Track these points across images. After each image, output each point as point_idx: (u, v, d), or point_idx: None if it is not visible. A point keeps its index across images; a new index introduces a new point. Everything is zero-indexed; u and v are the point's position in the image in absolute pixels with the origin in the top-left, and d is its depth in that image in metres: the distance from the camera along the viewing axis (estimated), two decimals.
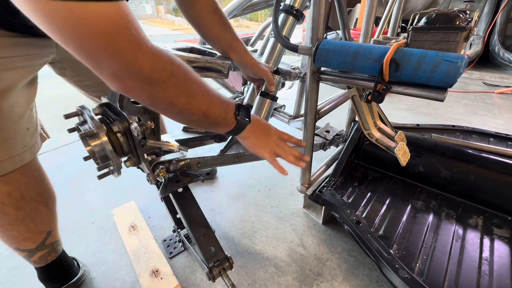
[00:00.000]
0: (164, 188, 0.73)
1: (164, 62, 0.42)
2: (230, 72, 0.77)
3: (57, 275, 0.80)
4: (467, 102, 2.42)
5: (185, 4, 0.69)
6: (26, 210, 0.65)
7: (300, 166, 0.68)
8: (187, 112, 0.48)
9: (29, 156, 0.63)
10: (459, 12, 0.61)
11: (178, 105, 0.46)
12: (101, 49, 0.35)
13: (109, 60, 0.36)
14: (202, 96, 0.49)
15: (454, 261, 0.74)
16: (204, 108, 0.50)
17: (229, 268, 0.70)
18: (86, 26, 0.33)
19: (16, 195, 0.62)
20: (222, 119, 0.54)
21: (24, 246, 0.69)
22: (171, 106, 0.46)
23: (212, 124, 0.54)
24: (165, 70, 0.42)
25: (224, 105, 0.54)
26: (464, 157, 0.97)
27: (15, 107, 0.56)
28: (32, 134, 0.63)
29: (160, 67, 0.41)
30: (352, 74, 0.74)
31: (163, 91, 0.43)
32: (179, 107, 0.47)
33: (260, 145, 0.64)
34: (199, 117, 0.50)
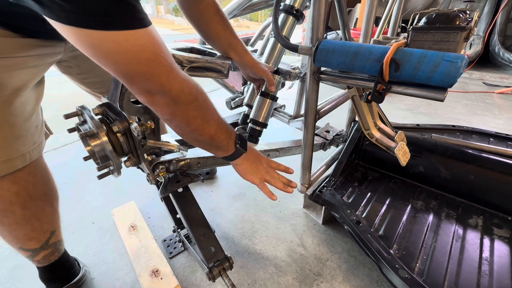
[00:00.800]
0: (164, 188, 0.73)
1: (191, 86, 0.50)
2: (230, 72, 0.77)
3: (59, 275, 0.80)
4: (467, 102, 2.41)
5: (186, 4, 0.69)
6: (33, 210, 0.65)
7: (288, 192, 0.74)
8: (198, 132, 0.55)
9: (37, 154, 0.64)
10: (459, 12, 0.61)
11: (193, 125, 0.53)
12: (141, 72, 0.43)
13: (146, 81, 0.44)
14: (214, 121, 0.57)
15: (454, 261, 0.74)
16: (213, 131, 0.57)
17: (229, 268, 0.70)
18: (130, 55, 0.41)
19: (24, 195, 0.62)
20: (224, 144, 0.61)
21: (29, 245, 0.70)
22: (187, 125, 0.53)
23: (214, 147, 0.61)
24: (190, 94, 0.50)
25: (228, 133, 0.62)
26: (464, 157, 0.97)
27: (26, 106, 0.57)
28: (40, 132, 0.65)
29: (187, 90, 0.49)
30: (352, 74, 0.74)
31: (185, 111, 0.51)
32: (193, 127, 0.54)
33: (251, 172, 0.70)
34: (206, 139, 0.57)
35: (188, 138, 0.58)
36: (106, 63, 0.41)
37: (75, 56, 0.72)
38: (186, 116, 0.51)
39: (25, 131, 0.58)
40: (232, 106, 1.11)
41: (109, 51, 0.39)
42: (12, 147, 0.56)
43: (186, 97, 0.49)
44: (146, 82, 0.44)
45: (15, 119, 0.55)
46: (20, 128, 0.57)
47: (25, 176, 0.62)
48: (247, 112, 0.98)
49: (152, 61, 0.43)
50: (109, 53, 0.40)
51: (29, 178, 0.63)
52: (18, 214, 0.63)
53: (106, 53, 0.40)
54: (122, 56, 0.40)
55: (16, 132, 0.56)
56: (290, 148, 1.03)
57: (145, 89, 0.45)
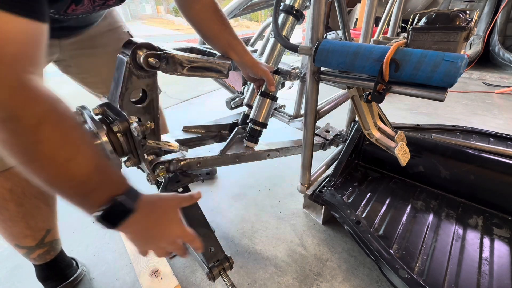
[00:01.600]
0: (164, 188, 0.73)
1: (12, 99, 0.33)
2: (230, 72, 0.77)
3: (55, 274, 0.80)
4: (467, 102, 2.41)
5: (184, 5, 0.69)
6: (27, 207, 0.66)
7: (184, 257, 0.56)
8: (23, 170, 0.37)
9: None
10: (459, 12, 0.61)
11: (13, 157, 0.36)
12: None
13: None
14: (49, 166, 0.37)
15: (454, 261, 0.74)
16: (46, 176, 0.38)
17: (229, 268, 0.70)
18: None
19: (18, 191, 0.62)
20: (73, 202, 0.41)
21: (24, 243, 0.70)
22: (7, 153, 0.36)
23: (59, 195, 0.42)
24: (3, 109, 0.33)
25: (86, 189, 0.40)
26: (464, 157, 0.97)
27: None
28: None
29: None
30: (352, 74, 0.74)
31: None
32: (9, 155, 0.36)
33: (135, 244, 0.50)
34: (38, 181, 0.38)
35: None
36: None
37: (74, 55, 0.71)
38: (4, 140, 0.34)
39: None
40: (232, 106, 1.11)
41: None
42: None
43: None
44: None
45: None
46: None
47: (18, 173, 0.61)
48: (247, 112, 0.98)
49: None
50: None
51: (23, 175, 0.62)
52: (13, 211, 0.63)
53: None
54: None
55: None
56: (290, 148, 1.03)
57: None
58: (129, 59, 0.55)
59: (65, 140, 0.37)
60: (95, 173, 0.40)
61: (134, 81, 0.58)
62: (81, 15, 0.57)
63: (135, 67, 0.57)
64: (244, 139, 0.90)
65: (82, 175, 0.39)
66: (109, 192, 0.42)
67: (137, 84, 0.59)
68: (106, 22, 0.76)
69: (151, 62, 0.56)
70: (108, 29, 0.77)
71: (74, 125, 0.39)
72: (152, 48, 0.58)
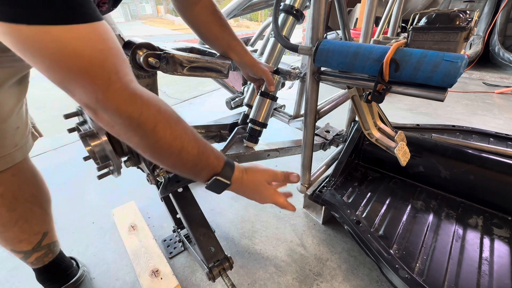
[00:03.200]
0: (164, 188, 0.73)
1: (132, 109, 0.39)
2: (230, 72, 0.77)
3: (55, 276, 0.80)
4: (467, 102, 2.41)
5: (183, 7, 0.69)
6: (20, 211, 0.64)
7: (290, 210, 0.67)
8: (154, 161, 0.48)
9: (20, 156, 0.62)
10: (459, 12, 0.61)
11: (145, 153, 0.46)
12: (74, 81, 0.35)
13: (82, 91, 0.36)
14: (170, 155, 0.46)
15: (454, 261, 0.74)
16: (170, 164, 0.48)
17: (229, 268, 0.70)
18: (59, 60, 0.33)
19: (9, 196, 0.61)
20: (191, 177, 0.54)
21: (20, 247, 0.69)
22: (139, 151, 0.46)
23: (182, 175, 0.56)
24: (129, 118, 0.40)
25: (196, 170, 0.51)
26: (464, 157, 0.97)
27: (3, 106, 0.54)
28: (23, 133, 0.62)
29: (126, 113, 0.39)
30: (352, 74, 0.74)
31: (126, 137, 0.43)
32: (145, 155, 0.46)
33: (250, 197, 0.63)
34: (166, 168, 0.51)
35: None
36: (39, 68, 0.34)
37: None
38: (130, 142, 0.44)
39: (2, 132, 0.56)
40: (232, 106, 1.11)
41: (35, 53, 0.33)
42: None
43: (124, 121, 0.39)
44: (82, 94, 0.37)
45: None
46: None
47: (9, 178, 0.61)
48: (247, 112, 0.98)
49: (86, 70, 0.35)
50: (35, 55, 0.33)
51: (13, 180, 0.62)
52: (4, 216, 0.62)
53: (32, 55, 0.33)
54: (48, 62, 0.33)
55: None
56: (290, 148, 1.03)
57: (84, 103, 0.38)
58: (129, 59, 0.55)
59: (174, 135, 0.45)
60: (199, 157, 0.50)
61: None
62: None
63: (135, 67, 0.57)
64: (244, 139, 0.90)
65: (191, 161, 0.49)
66: (211, 172, 0.53)
67: None
68: None
69: (151, 62, 0.56)
70: None
71: (177, 119, 0.46)
72: (152, 48, 0.58)
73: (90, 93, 0.36)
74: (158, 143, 0.43)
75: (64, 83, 0.36)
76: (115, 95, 0.37)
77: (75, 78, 0.35)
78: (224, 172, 0.54)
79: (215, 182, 0.53)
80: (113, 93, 0.37)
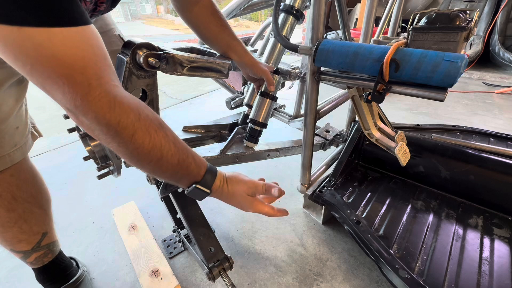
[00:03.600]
0: (164, 188, 0.73)
1: (111, 117, 0.39)
2: (230, 72, 0.77)
3: (55, 276, 0.80)
4: (467, 102, 2.41)
5: (182, 7, 0.69)
6: (19, 212, 0.64)
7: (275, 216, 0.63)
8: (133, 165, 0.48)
9: (19, 156, 0.62)
10: (459, 12, 0.61)
11: (124, 159, 0.46)
12: (54, 86, 0.35)
13: (62, 96, 0.36)
14: (149, 163, 0.46)
15: (454, 261, 0.74)
16: (148, 171, 0.48)
17: (229, 268, 0.70)
18: (39, 64, 0.33)
19: (7, 197, 0.61)
20: (173, 183, 0.54)
21: (19, 247, 0.69)
22: (124, 156, 0.45)
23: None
24: (108, 126, 0.39)
25: (176, 178, 0.52)
26: (464, 157, 0.97)
27: (2, 106, 0.55)
28: (22, 133, 0.62)
29: (104, 121, 0.39)
30: (352, 74, 0.74)
31: (106, 143, 0.43)
32: (126, 160, 0.48)
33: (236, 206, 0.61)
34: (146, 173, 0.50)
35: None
36: (20, 70, 0.35)
37: None
38: (111, 147, 0.43)
39: (1, 133, 0.56)
40: (232, 106, 1.11)
41: (16, 54, 0.32)
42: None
43: (102, 128, 0.39)
44: (62, 99, 0.36)
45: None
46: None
47: (7, 178, 0.61)
48: (247, 112, 0.98)
49: (66, 76, 0.34)
50: (17, 57, 0.33)
51: (12, 180, 0.62)
52: (4, 217, 0.62)
53: (14, 57, 0.33)
54: (30, 65, 0.33)
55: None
56: (290, 148, 1.03)
57: (64, 106, 0.38)
58: (129, 59, 0.55)
59: (153, 143, 0.44)
60: (179, 166, 0.49)
61: (134, 81, 0.58)
62: None
63: (135, 67, 0.57)
64: (244, 139, 0.90)
65: (171, 169, 0.49)
66: (192, 180, 0.53)
67: (137, 84, 0.59)
68: (97, 25, 0.75)
69: (151, 62, 0.56)
70: (99, 32, 0.76)
71: (158, 127, 0.45)
72: (152, 48, 0.58)
73: (69, 98, 0.36)
74: (136, 151, 0.43)
75: (44, 86, 0.36)
76: (93, 102, 0.37)
77: (55, 83, 0.35)
78: (204, 181, 0.54)
79: (194, 190, 0.53)
80: (91, 100, 0.37)
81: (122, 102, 0.40)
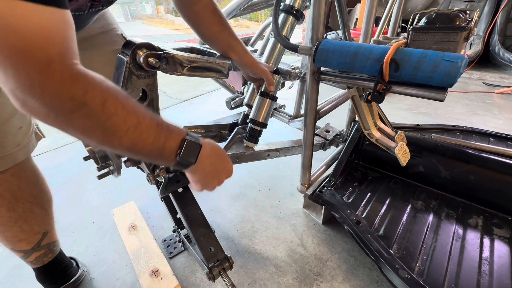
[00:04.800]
0: (164, 188, 0.73)
1: (75, 88, 0.35)
2: (230, 72, 0.77)
3: (55, 275, 0.80)
4: (467, 102, 2.41)
5: (183, 6, 0.69)
6: (19, 211, 0.64)
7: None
8: (106, 145, 0.42)
9: (22, 156, 0.62)
10: (459, 12, 0.61)
11: (94, 139, 0.40)
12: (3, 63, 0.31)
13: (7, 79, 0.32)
14: (126, 131, 0.40)
15: (454, 261, 0.74)
16: (127, 143, 0.42)
17: (229, 268, 0.70)
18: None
19: (8, 196, 0.61)
20: (156, 156, 0.47)
21: (19, 247, 0.69)
22: (85, 138, 0.40)
23: (144, 158, 0.50)
24: (72, 99, 0.35)
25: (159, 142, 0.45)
26: (464, 157, 0.97)
27: (6, 107, 0.55)
28: (25, 133, 0.62)
29: (68, 94, 0.34)
30: (352, 74, 0.74)
31: (70, 122, 0.37)
32: (95, 141, 0.40)
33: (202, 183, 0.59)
34: (123, 152, 0.44)
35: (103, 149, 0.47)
36: None
37: None
38: (76, 128, 0.38)
39: (4, 132, 0.56)
40: (232, 106, 1.11)
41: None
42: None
43: (65, 103, 0.35)
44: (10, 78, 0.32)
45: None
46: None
47: (8, 178, 0.60)
48: (247, 112, 0.98)
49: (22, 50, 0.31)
50: None
51: (13, 180, 0.62)
52: (4, 216, 0.62)
53: None
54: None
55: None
56: (290, 148, 1.03)
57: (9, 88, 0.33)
58: (129, 59, 0.55)
59: (127, 109, 0.40)
60: (160, 128, 0.45)
61: (134, 81, 0.58)
62: (74, 12, 0.56)
63: (135, 67, 0.57)
64: (244, 139, 0.90)
65: (152, 133, 0.44)
66: (177, 137, 0.48)
67: (137, 84, 0.59)
68: (99, 24, 0.75)
69: (151, 62, 0.56)
70: (101, 31, 0.75)
71: (126, 95, 0.42)
72: (152, 48, 0.58)
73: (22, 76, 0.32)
74: (110, 120, 0.38)
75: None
76: (54, 76, 0.33)
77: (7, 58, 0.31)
78: (190, 135, 0.49)
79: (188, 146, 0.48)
80: (51, 74, 0.33)
81: (86, 74, 0.36)
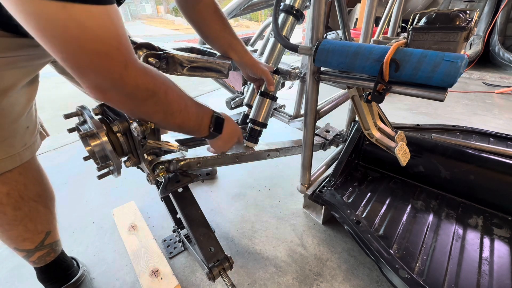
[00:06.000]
0: (164, 188, 0.73)
1: (147, 81, 0.45)
2: (230, 72, 0.77)
3: (56, 275, 0.80)
4: (467, 102, 2.41)
5: (185, 5, 0.69)
6: (25, 210, 0.65)
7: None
8: (163, 123, 0.55)
9: (28, 155, 0.63)
10: (459, 12, 0.61)
11: (155, 119, 0.52)
12: (90, 65, 0.37)
13: (95, 75, 0.38)
14: (179, 112, 0.54)
15: (454, 261, 0.74)
16: (179, 122, 0.55)
17: (229, 268, 0.70)
18: (79, 43, 0.34)
19: (15, 195, 0.62)
20: (196, 130, 0.61)
21: (23, 246, 0.69)
22: (149, 118, 0.53)
23: (186, 132, 0.63)
24: (147, 90, 0.45)
25: (199, 119, 0.59)
26: (464, 157, 0.97)
27: (15, 106, 0.56)
28: (32, 133, 0.63)
29: (143, 86, 0.44)
30: (352, 74, 0.74)
31: (143, 107, 0.47)
32: (156, 120, 0.53)
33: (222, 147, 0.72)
34: (174, 128, 0.58)
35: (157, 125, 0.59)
36: (49, 47, 0.35)
37: None
38: (145, 112, 0.49)
39: (13, 132, 0.57)
40: (232, 106, 1.11)
41: (55, 33, 0.33)
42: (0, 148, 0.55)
43: (142, 93, 0.45)
44: (96, 77, 0.38)
45: (3, 120, 0.53)
46: (8, 129, 0.55)
47: (15, 177, 0.61)
48: (247, 112, 0.98)
49: (105, 53, 0.37)
50: (53, 34, 0.33)
51: (20, 179, 0.62)
52: (10, 215, 0.63)
53: (49, 34, 0.33)
54: (68, 43, 0.34)
55: (2, 134, 0.54)
56: (290, 148, 1.03)
57: (95, 85, 0.40)
58: None
59: (180, 95, 0.53)
60: (198, 107, 0.59)
61: None
62: None
63: None
64: (244, 139, 0.90)
65: (195, 112, 0.58)
66: (209, 114, 0.62)
67: None
68: None
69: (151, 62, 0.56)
70: None
71: (174, 83, 0.53)
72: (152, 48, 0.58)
73: (106, 75, 0.39)
74: (170, 105, 0.51)
75: (78, 66, 0.37)
76: (133, 73, 0.41)
77: (92, 61, 0.36)
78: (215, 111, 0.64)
79: (217, 120, 0.63)
80: (131, 71, 0.41)
81: (150, 68, 0.46)
